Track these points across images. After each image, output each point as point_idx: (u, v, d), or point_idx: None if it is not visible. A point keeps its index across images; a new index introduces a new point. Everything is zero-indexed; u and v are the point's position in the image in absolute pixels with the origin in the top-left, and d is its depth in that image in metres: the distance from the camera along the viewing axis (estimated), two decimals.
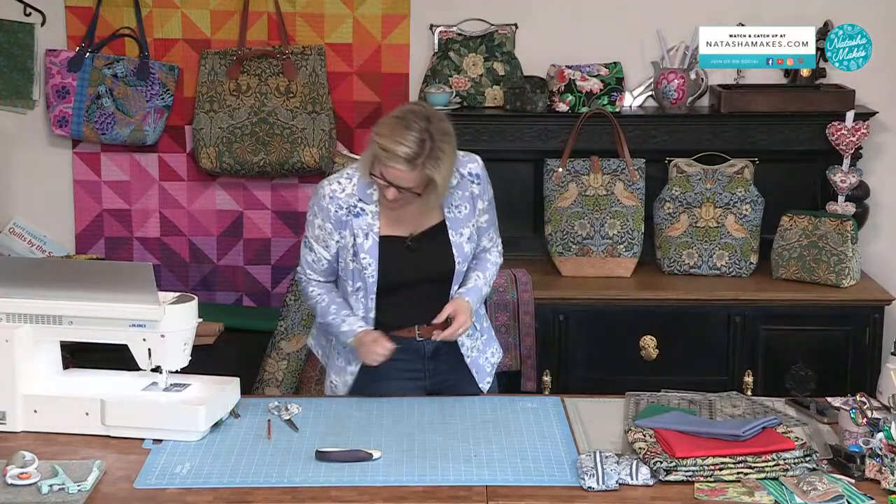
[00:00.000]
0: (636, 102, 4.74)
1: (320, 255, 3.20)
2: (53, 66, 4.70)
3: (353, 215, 3.15)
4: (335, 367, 3.32)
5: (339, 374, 3.29)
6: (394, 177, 3.02)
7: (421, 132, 2.99)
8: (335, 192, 3.16)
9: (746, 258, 4.48)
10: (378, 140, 3.02)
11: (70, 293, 2.87)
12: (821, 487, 2.56)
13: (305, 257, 3.24)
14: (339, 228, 3.16)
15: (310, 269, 3.25)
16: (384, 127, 3.04)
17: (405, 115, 3.03)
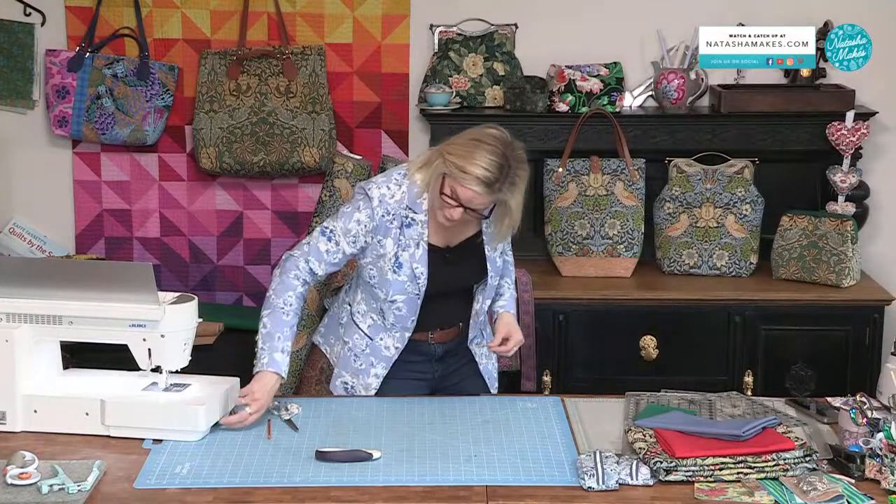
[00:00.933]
0: (636, 102, 4.74)
1: (341, 249, 3.13)
2: (53, 66, 4.70)
3: (404, 226, 3.13)
4: (351, 369, 3.29)
5: (358, 377, 3.27)
6: (468, 198, 3.00)
7: (501, 157, 2.98)
8: (384, 196, 3.11)
9: (746, 258, 4.48)
10: (455, 161, 2.99)
11: (70, 293, 2.87)
12: (821, 487, 2.56)
13: (316, 245, 3.14)
14: (378, 234, 3.12)
15: (313, 258, 3.13)
16: (461, 147, 3.01)
17: (484, 139, 3.01)
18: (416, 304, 3.18)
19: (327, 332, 3.42)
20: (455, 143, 3.05)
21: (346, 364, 3.31)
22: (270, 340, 3.05)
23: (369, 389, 3.26)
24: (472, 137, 3.03)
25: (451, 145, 3.05)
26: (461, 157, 2.98)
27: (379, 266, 3.15)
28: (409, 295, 3.16)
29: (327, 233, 3.15)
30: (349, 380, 3.30)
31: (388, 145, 4.80)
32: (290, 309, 3.10)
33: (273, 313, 3.08)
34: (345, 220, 3.13)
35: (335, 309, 3.43)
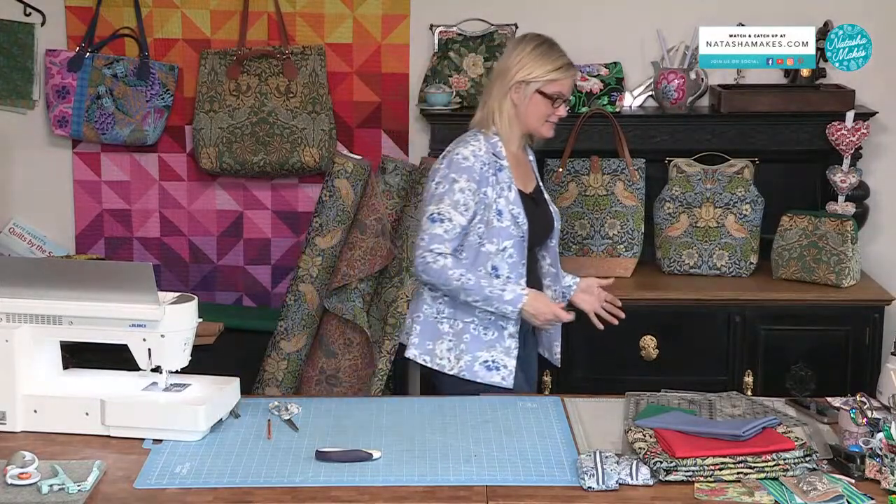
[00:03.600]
0: (636, 102, 4.74)
1: (456, 223, 3.22)
2: (53, 66, 4.70)
3: (497, 170, 3.29)
4: (484, 345, 3.30)
5: (495, 347, 3.30)
6: (569, 88, 3.39)
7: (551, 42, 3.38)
8: (475, 151, 3.27)
9: (746, 258, 4.48)
10: (540, 70, 3.31)
11: (70, 293, 2.87)
12: (821, 487, 2.56)
13: (433, 232, 3.21)
14: (483, 186, 3.25)
15: (438, 244, 3.20)
16: (530, 61, 3.31)
17: (531, 41, 3.34)
18: (524, 246, 3.32)
19: (423, 337, 3.35)
20: (520, 65, 3.30)
21: (477, 343, 3.31)
22: (488, 290, 3.20)
23: (510, 353, 3.32)
24: (526, 49, 3.32)
25: (519, 70, 3.29)
26: (541, 64, 3.32)
27: (486, 219, 3.27)
28: (515, 238, 3.29)
29: (437, 217, 3.23)
30: (487, 356, 3.31)
31: (388, 145, 4.80)
32: (467, 277, 3.20)
33: (463, 287, 3.20)
34: (449, 197, 3.23)
35: (422, 313, 3.37)
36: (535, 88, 3.32)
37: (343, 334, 4.33)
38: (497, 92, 3.34)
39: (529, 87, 3.31)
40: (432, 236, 3.22)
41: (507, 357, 3.32)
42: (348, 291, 4.28)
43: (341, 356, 4.33)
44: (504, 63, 3.36)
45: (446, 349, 3.32)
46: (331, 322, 4.35)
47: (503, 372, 3.31)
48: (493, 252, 3.28)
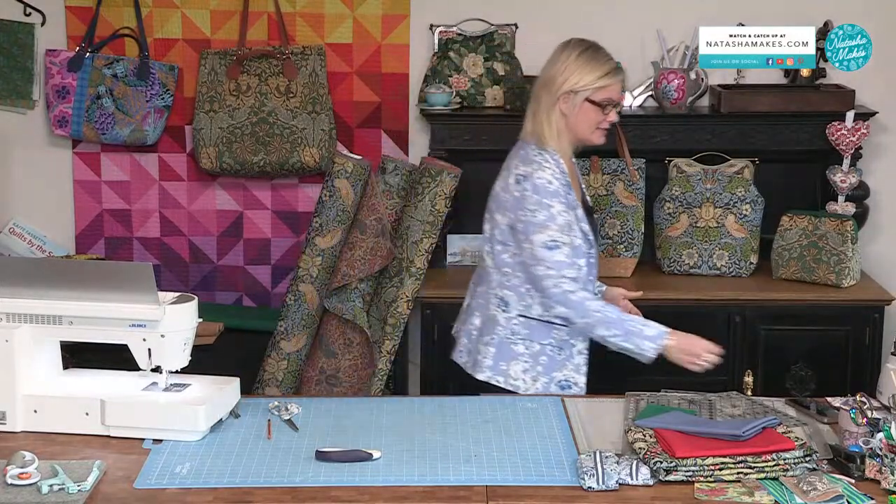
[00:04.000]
0: (636, 102, 4.74)
1: (569, 247, 3.20)
2: (53, 66, 4.70)
3: (569, 188, 3.27)
4: (558, 364, 3.30)
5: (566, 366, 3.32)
6: (619, 92, 3.34)
7: (597, 46, 3.34)
8: (553, 173, 3.22)
9: (746, 258, 4.48)
10: (589, 77, 3.25)
11: (70, 293, 2.87)
12: (821, 487, 2.56)
13: (556, 259, 3.17)
14: (569, 207, 3.23)
15: (567, 269, 3.18)
16: (577, 68, 3.25)
17: (575, 46, 3.29)
18: (591, 262, 3.31)
19: (498, 359, 3.32)
20: (566, 74, 3.25)
21: (553, 364, 3.31)
22: (629, 325, 3.21)
23: (580, 370, 3.33)
24: (571, 56, 3.26)
25: (566, 80, 3.23)
26: (588, 71, 3.25)
27: (571, 240, 3.24)
28: (587, 256, 3.30)
29: (553, 244, 3.18)
30: (560, 375, 3.31)
31: (388, 145, 4.80)
32: (607, 310, 3.21)
33: (604, 320, 3.19)
34: (553, 222, 3.19)
35: (496, 335, 3.33)
36: (584, 97, 3.26)
37: (343, 334, 4.33)
38: (545, 103, 3.27)
39: (578, 97, 3.25)
40: (558, 263, 3.17)
41: (577, 374, 3.34)
42: (348, 291, 4.28)
43: (341, 356, 4.33)
44: (549, 72, 3.29)
45: (521, 371, 3.31)
46: (331, 322, 4.35)
47: (575, 389, 3.33)
48: (581, 265, 3.28)
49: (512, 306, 3.31)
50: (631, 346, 3.20)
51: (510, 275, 3.30)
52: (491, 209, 3.36)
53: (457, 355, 3.46)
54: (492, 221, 3.35)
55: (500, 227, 3.31)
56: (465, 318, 3.49)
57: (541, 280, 3.20)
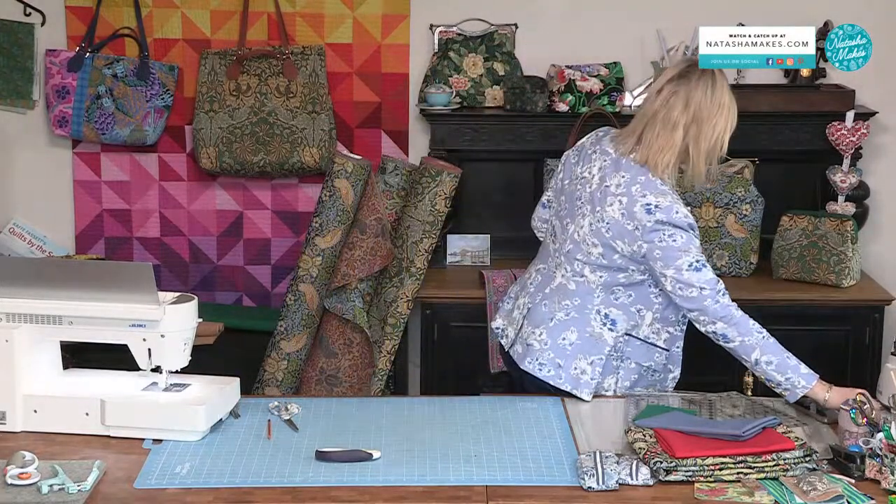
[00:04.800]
0: (636, 102, 4.73)
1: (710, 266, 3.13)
2: (53, 66, 4.70)
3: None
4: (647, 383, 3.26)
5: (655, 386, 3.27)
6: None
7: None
8: (685, 208, 3.11)
9: (746, 258, 4.48)
10: (731, 119, 3.21)
11: (70, 293, 2.87)
12: (821, 487, 2.56)
13: (707, 277, 3.07)
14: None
15: (721, 285, 3.09)
16: (733, 95, 3.22)
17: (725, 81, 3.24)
18: None
19: (601, 376, 3.21)
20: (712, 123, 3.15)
21: (641, 381, 3.26)
22: (786, 357, 3.06)
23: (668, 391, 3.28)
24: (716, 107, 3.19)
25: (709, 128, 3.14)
26: (732, 116, 3.21)
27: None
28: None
29: (698, 265, 3.07)
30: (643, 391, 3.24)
31: (388, 145, 4.80)
32: (767, 334, 3.09)
33: (763, 346, 3.07)
34: (694, 245, 3.09)
35: (603, 355, 3.19)
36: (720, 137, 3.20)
37: (343, 334, 4.33)
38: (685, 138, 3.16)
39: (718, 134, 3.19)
40: (709, 280, 3.07)
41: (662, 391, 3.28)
42: (348, 291, 4.28)
43: (341, 356, 4.33)
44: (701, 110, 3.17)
45: (613, 382, 3.24)
46: (331, 322, 4.35)
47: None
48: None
49: (619, 325, 3.20)
50: (782, 379, 3.04)
51: (621, 293, 3.19)
52: (596, 231, 3.16)
53: (533, 366, 3.22)
54: (592, 238, 3.16)
55: (614, 250, 3.13)
56: (535, 328, 3.27)
57: (698, 301, 3.06)
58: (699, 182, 3.21)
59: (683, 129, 3.12)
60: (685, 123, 3.12)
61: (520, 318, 3.35)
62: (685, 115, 3.13)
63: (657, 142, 3.12)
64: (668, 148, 3.11)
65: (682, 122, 3.12)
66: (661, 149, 3.11)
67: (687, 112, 3.13)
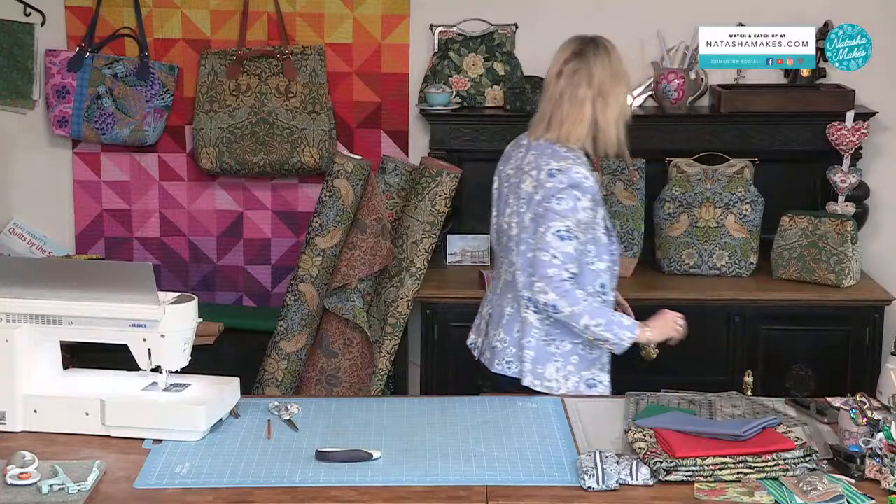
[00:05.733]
0: (636, 102, 4.74)
1: (582, 240, 3.19)
2: (53, 66, 4.70)
3: (599, 186, 3.26)
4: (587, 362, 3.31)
5: (595, 364, 3.33)
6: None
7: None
8: (588, 170, 3.21)
9: (746, 258, 4.48)
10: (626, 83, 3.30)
11: (70, 293, 2.87)
12: (821, 487, 2.56)
13: (566, 251, 3.14)
14: (597, 206, 3.23)
15: (571, 264, 3.16)
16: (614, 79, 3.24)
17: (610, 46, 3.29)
18: (616, 259, 3.33)
19: (536, 363, 3.28)
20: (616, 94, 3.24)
21: (584, 363, 3.31)
22: (611, 315, 3.21)
23: (605, 368, 3.35)
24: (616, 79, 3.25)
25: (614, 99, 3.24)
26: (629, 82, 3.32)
27: (596, 237, 3.25)
28: (613, 255, 3.31)
29: (566, 235, 3.15)
30: (588, 374, 3.31)
31: (388, 145, 4.80)
32: (591, 299, 3.19)
33: (591, 311, 3.17)
34: (573, 215, 3.17)
35: (532, 338, 3.28)
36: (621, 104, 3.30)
37: (343, 334, 4.33)
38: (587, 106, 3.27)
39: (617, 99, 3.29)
40: (566, 255, 3.15)
41: (602, 373, 3.34)
42: (348, 291, 4.28)
43: (341, 356, 4.33)
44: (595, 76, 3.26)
45: (555, 370, 3.29)
46: (331, 322, 4.35)
47: (600, 388, 3.33)
48: (602, 269, 3.28)
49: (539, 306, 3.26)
50: (610, 336, 3.20)
51: None
52: (517, 212, 3.28)
53: (502, 367, 3.32)
54: (517, 223, 3.28)
55: (528, 227, 3.24)
56: (495, 330, 3.38)
57: (544, 265, 3.15)
58: (612, 149, 3.30)
59: (591, 104, 3.23)
60: (591, 98, 3.23)
61: (484, 325, 3.47)
62: (591, 91, 3.23)
63: (568, 119, 3.25)
64: (579, 122, 3.24)
65: (589, 97, 3.23)
66: (572, 124, 3.24)
67: (592, 87, 3.23)
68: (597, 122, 3.24)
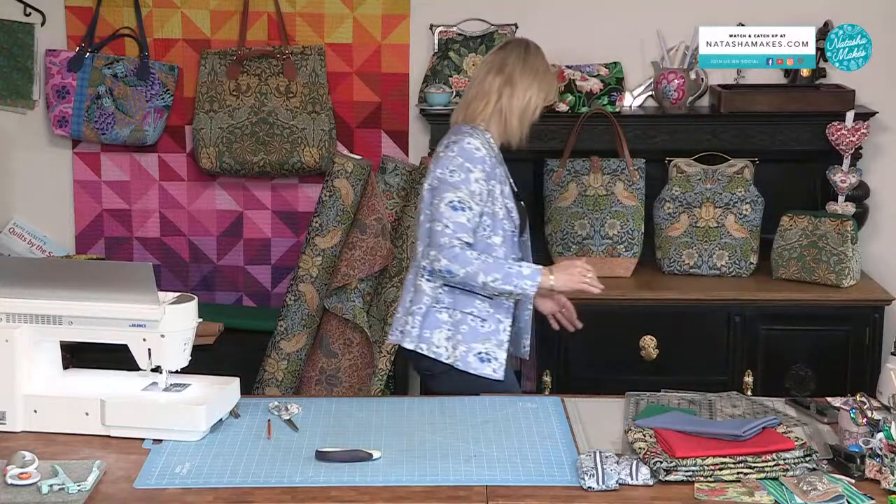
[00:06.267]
0: (636, 102, 4.74)
1: (475, 212, 3.27)
2: (53, 66, 4.70)
3: (499, 163, 3.38)
4: (480, 336, 3.33)
5: (490, 339, 3.34)
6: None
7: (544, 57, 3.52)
8: (482, 144, 3.31)
9: (746, 258, 4.48)
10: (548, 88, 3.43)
11: (70, 293, 2.87)
12: (821, 487, 2.56)
13: (458, 220, 3.23)
14: (490, 178, 3.30)
15: (463, 233, 3.24)
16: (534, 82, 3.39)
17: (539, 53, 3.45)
18: (514, 241, 3.39)
19: (422, 327, 3.35)
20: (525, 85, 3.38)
21: (474, 334, 3.33)
22: (508, 267, 3.25)
23: (503, 346, 3.35)
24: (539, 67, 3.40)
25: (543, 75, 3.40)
26: (546, 85, 3.41)
27: (492, 211, 3.32)
28: (508, 232, 3.36)
29: (458, 205, 3.26)
30: (481, 347, 3.33)
31: (388, 145, 4.80)
32: (485, 257, 3.25)
33: (486, 268, 3.22)
34: (466, 186, 3.27)
35: (423, 304, 3.35)
36: (537, 105, 3.44)
37: (343, 334, 4.33)
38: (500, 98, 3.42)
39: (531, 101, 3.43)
40: (458, 225, 3.24)
41: (499, 350, 3.35)
42: (348, 291, 4.28)
43: (341, 356, 4.33)
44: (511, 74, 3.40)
45: (444, 338, 3.34)
46: (331, 322, 4.35)
47: (494, 364, 3.33)
48: (497, 244, 3.33)
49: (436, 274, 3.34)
50: (511, 288, 3.25)
51: None
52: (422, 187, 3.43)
53: (394, 335, 3.45)
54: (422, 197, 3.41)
55: (425, 199, 3.37)
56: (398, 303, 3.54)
57: (437, 235, 3.25)
58: (515, 140, 3.43)
59: (498, 90, 3.38)
60: (500, 84, 3.38)
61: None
62: (500, 77, 3.38)
63: (475, 100, 3.40)
64: (484, 104, 3.38)
65: (498, 82, 3.38)
66: (478, 105, 3.38)
67: (502, 74, 3.38)
68: (502, 108, 3.37)
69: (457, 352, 3.32)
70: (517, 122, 3.40)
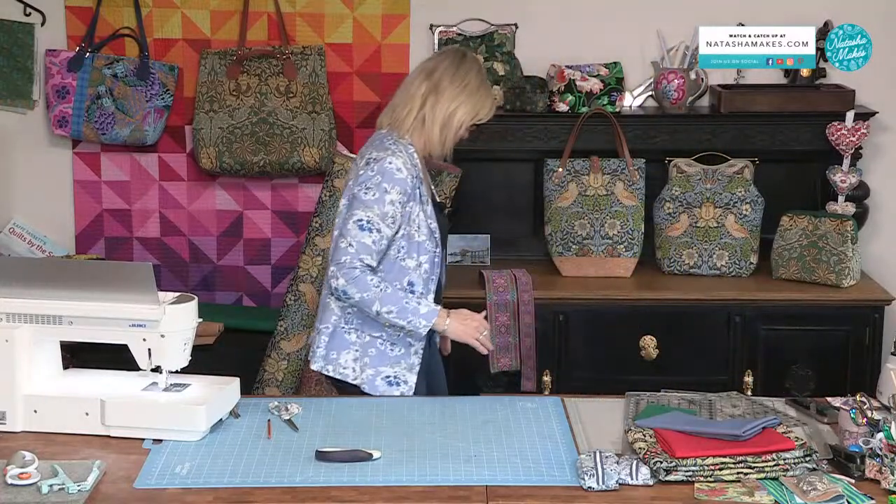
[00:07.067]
0: (636, 102, 4.74)
1: (384, 235, 3.17)
2: (53, 66, 4.70)
3: (420, 182, 3.26)
4: (389, 360, 3.28)
5: (399, 363, 3.29)
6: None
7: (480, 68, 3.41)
8: (405, 164, 3.21)
9: (746, 258, 4.48)
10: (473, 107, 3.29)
11: (70, 293, 2.87)
12: (821, 487, 2.56)
13: (363, 241, 3.15)
14: (410, 200, 3.22)
15: (366, 255, 3.15)
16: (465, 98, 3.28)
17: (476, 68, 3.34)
18: (436, 261, 3.31)
19: (329, 347, 3.32)
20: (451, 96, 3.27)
21: (382, 358, 3.29)
22: (405, 301, 3.17)
23: (413, 369, 3.30)
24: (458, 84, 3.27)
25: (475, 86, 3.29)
26: (476, 101, 3.29)
27: (408, 233, 3.24)
28: (430, 253, 3.29)
29: (366, 226, 3.16)
30: (390, 371, 3.29)
31: None
32: (384, 286, 3.16)
33: (383, 298, 3.15)
34: (379, 207, 3.17)
35: (330, 324, 3.32)
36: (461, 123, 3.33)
37: None
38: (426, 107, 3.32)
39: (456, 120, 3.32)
40: (362, 245, 3.15)
41: (409, 373, 3.31)
42: None
43: None
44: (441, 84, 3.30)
45: (352, 359, 3.30)
46: None
47: (403, 388, 3.30)
48: (412, 267, 3.26)
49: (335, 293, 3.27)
50: (403, 323, 3.18)
51: None
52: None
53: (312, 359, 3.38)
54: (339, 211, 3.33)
55: (342, 213, 3.28)
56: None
57: (339, 252, 3.16)
58: (436, 152, 3.33)
59: (422, 98, 3.28)
60: (426, 91, 3.28)
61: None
62: (427, 83, 3.29)
63: (399, 105, 3.31)
64: (408, 111, 3.28)
65: (424, 88, 3.29)
66: (402, 111, 3.29)
67: (429, 80, 3.29)
68: (424, 117, 3.28)
69: (364, 374, 3.28)
70: (438, 133, 3.28)
